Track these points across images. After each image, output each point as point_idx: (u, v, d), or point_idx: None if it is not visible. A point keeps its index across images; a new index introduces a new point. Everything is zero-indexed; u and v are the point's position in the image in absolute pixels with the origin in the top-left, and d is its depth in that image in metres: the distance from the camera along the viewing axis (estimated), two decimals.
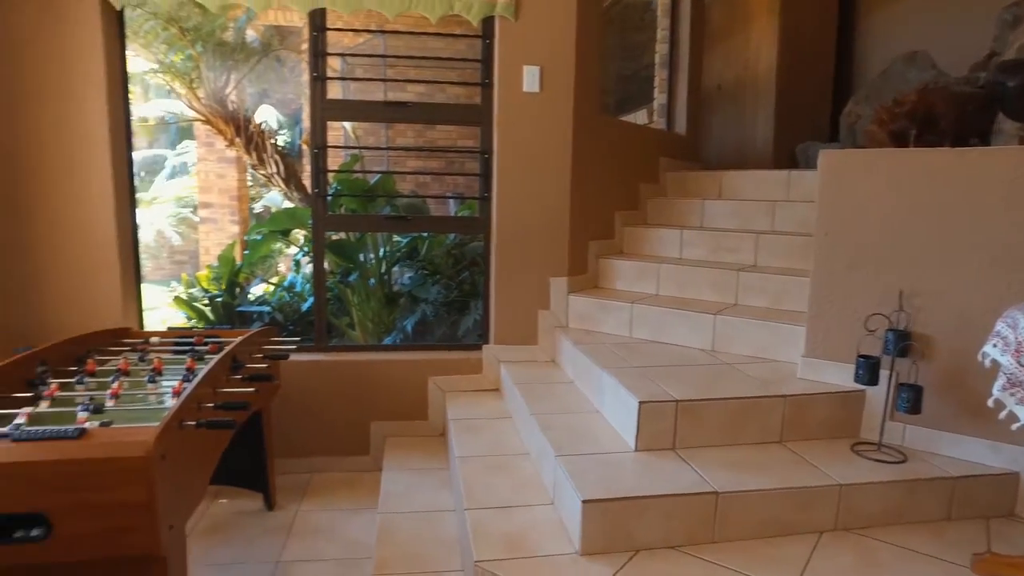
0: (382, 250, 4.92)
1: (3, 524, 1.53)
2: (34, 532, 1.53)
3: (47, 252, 3.01)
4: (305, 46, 8.10)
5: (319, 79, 3.19)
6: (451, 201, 6.75)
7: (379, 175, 5.16)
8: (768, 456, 2.21)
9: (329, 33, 3.21)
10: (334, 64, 6.10)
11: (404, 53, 6.58)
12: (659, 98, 4.70)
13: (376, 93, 6.80)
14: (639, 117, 5.13)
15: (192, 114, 6.89)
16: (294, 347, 2.89)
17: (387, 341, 4.66)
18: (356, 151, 6.52)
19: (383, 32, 6.29)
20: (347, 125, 7.48)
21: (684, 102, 4.54)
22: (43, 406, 1.91)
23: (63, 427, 1.61)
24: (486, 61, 3.24)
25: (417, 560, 2.19)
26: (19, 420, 1.72)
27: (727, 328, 2.82)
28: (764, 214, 3.42)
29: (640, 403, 2.19)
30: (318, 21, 3.14)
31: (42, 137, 2.95)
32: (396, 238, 5.06)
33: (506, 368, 3.17)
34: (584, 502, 1.87)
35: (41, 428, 1.60)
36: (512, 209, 3.27)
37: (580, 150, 3.29)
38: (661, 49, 4.65)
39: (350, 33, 6.37)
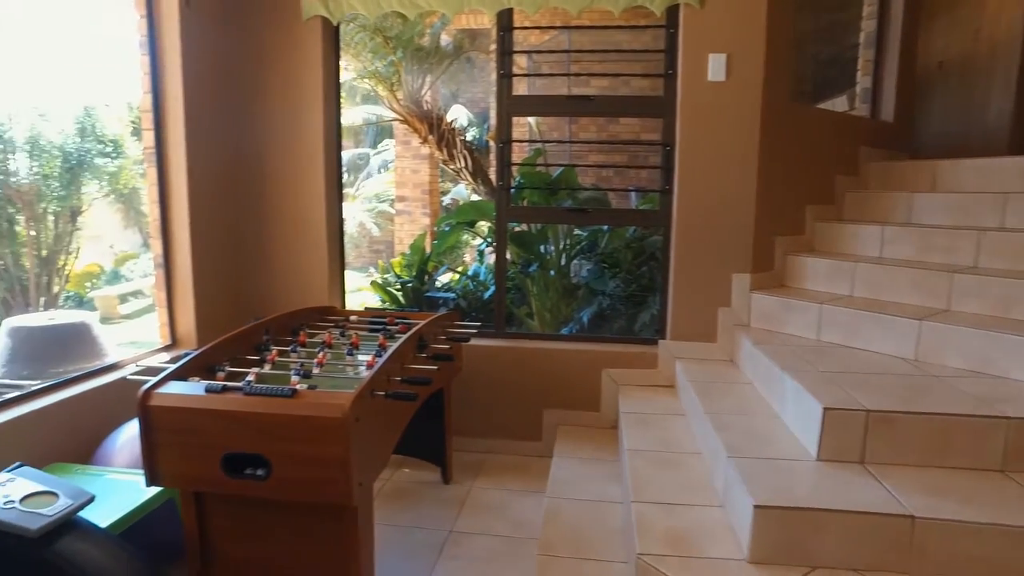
0: (562, 242, 5.02)
1: (237, 462, 1.82)
2: (259, 472, 1.80)
3: (276, 239, 3.49)
4: (493, 46, 8.46)
5: (506, 76, 3.33)
6: (632, 194, 6.69)
7: (561, 169, 5.26)
8: (983, 485, 1.93)
9: (515, 32, 3.35)
10: (520, 62, 6.33)
11: (588, 48, 6.63)
12: (862, 82, 4.26)
13: (560, 88, 6.94)
14: (838, 104, 4.70)
15: (391, 115, 7.53)
16: (475, 331, 3.07)
17: (564, 331, 4.75)
18: (540, 145, 6.71)
19: (568, 28, 6.39)
20: (531, 120, 7.71)
21: (892, 84, 4.07)
22: (266, 368, 2.23)
23: (280, 387, 1.87)
24: (670, 51, 3.18)
25: (581, 545, 2.23)
26: (249, 378, 2.02)
27: (935, 336, 2.50)
28: (991, 208, 2.97)
29: (825, 409, 2.04)
30: (505, 21, 3.28)
31: (276, 140, 3.42)
32: (576, 231, 5.13)
33: (681, 365, 3.10)
34: (756, 507, 1.78)
35: (264, 386, 1.88)
36: (693, 202, 3.18)
37: (768, 141, 3.11)
38: (867, 27, 4.22)
39: (535, 31, 6.56)
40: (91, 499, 1.60)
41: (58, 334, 3.61)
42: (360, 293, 7.15)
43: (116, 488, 2.14)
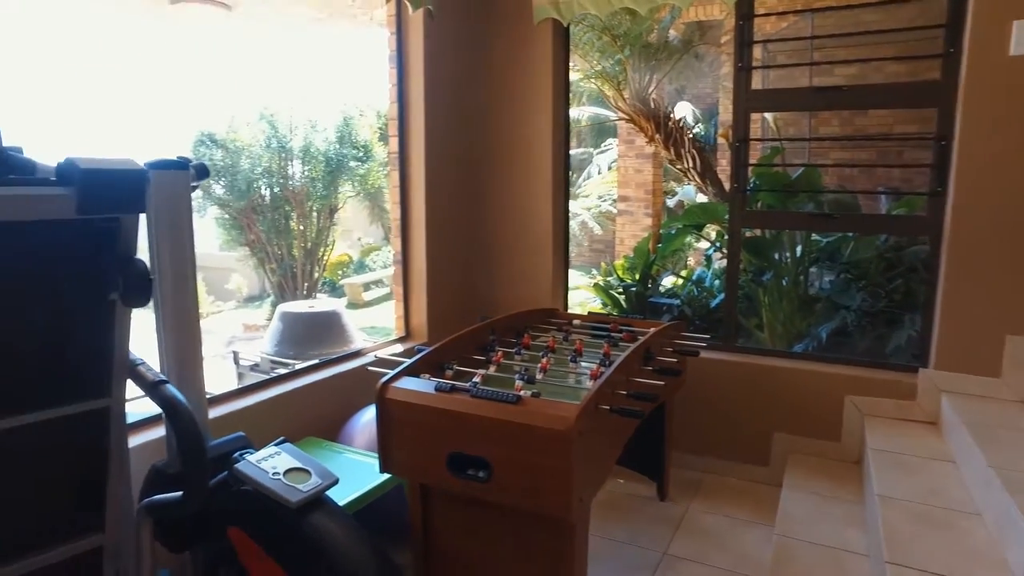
0: (799, 249, 4.55)
1: (461, 461, 1.86)
2: (480, 473, 1.82)
3: (502, 239, 3.59)
4: (725, 39, 7.95)
5: (744, 69, 3.06)
6: (882, 197, 5.88)
7: (801, 168, 4.77)
8: None
9: (755, 20, 3.05)
10: (756, 53, 5.87)
11: (834, 31, 5.94)
12: None
13: (800, 80, 6.31)
14: None
15: (615, 115, 7.45)
16: (704, 345, 2.87)
17: (798, 348, 4.30)
18: (777, 143, 6.17)
19: (811, 11, 5.78)
20: (768, 116, 7.14)
21: None
22: (491, 369, 2.27)
23: (505, 391, 1.87)
24: (953, 24, 2.67)
25: None
26: (476, 379, 2.07)
27: None
28: None
29: None
30: (745, 8, 3.01)
31: (506, 142, 3.52)
32: (815, 237, 4.62)
33: (950, 400, 2.60)
34: None
35: (490, 389, 1.89)
36: (977, 206, 2.64)
37: None
38: None
39: (771, 19, 6.03)
40: (336, 481, 1.73)
41: (316, 320, 4.13)
42: (578, 292, 7.19)
43: (354, 467, 2.34)
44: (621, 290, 5.24)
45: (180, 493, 1.30)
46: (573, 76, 7.36)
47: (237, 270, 11.60)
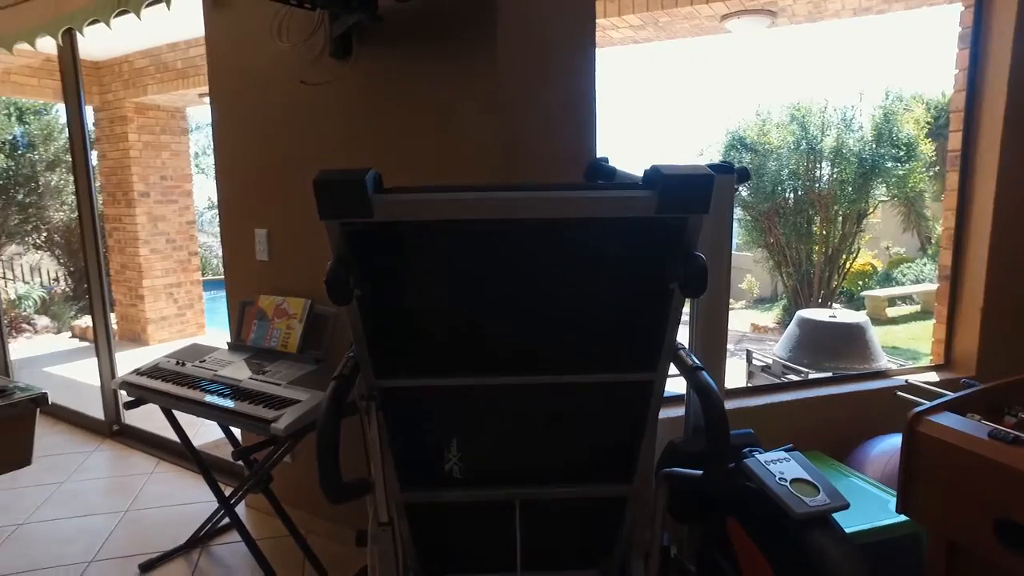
0: None
1: (1016, 531, 1.51)
2: None
3: None
4: None
5: None
6: None
7: None
8: None
9: None
10: None
11: None
12: None
13: None
14: None
15: None
16: None
17: None
18: None
19: None
20: None
21: None
22: None
23: None
24: None
25: None
26: None
27: None
28: None
29: None
30: None
31: None
32: None
33: None
34: None
35: None
36: None
37: None
38: None
39: None
40: (846, 506, 1.62)
41: (838, 331, 3.89)
42: None
43: (863, 497, 2.14)
44: None
45: (700, 472, 1.42)
46: None
47: (751, 271, 11.85)
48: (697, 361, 1.34)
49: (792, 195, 9.89)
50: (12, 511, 3.05)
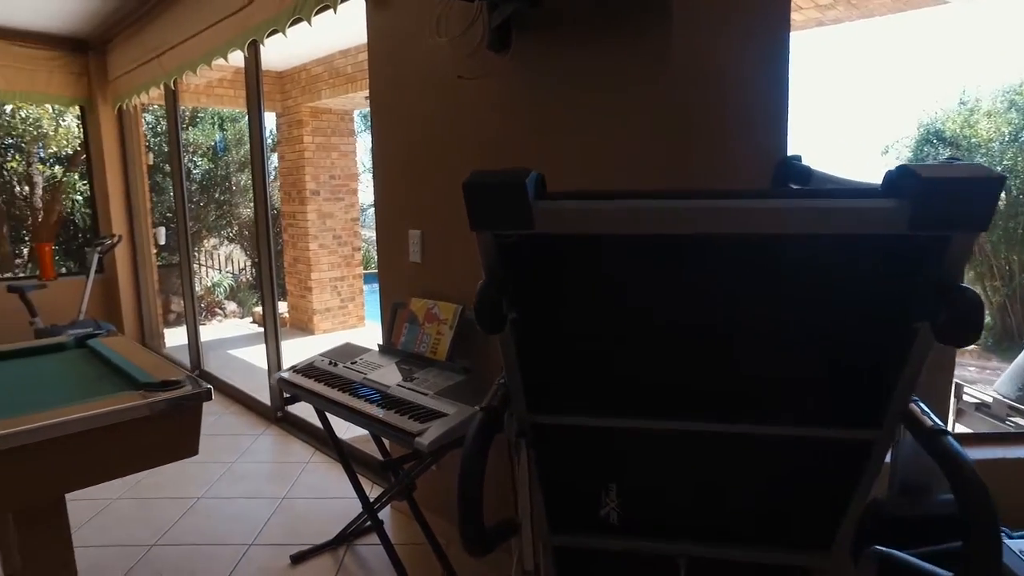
0: None
1: None
2: None
3: None
4: None
5: None
6: None
7: None
8: None
9: None
10: None
11: None
12: None
13: None
14: None
15: None
16: None
17: None
18: None
19: None
20: None
21: None
22: None
23: None
24: None
25: None
26: None
27: None
28: None
29: None
30: None
31: None
32: None
33: None
34: None
35: None
36: None
37: None
38: None
39: None
40: None
41: None
42: None
43: None
44: None
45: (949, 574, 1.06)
46: None
47: None
48: (938, 420, 1.02)
49: (1005, 195, 8.48)
50: (196, 484, 3.29)
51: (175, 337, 6.37)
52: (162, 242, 7.00)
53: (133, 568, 2.57)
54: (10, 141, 9.02)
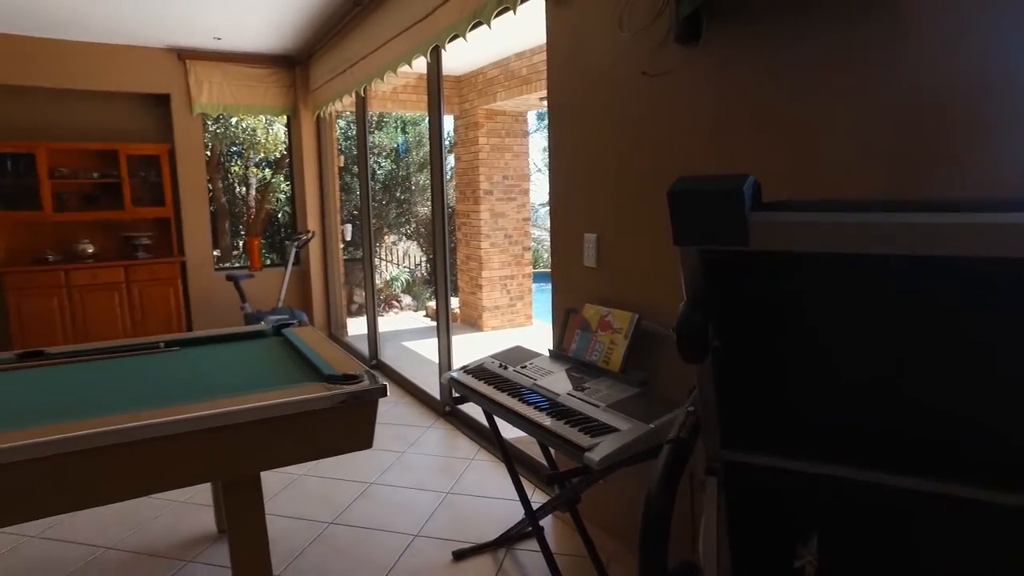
0: None
1: None
2: None
3: None
4: None
5: None
6: None
7: None
8: None
9: None
10: None
11: None
12: None
13: None
14: None
15: None
16: None
17: None
18: None
19: None
20: None
21: None
22: None
23: None
24: None
25: None
26: None
27: None
28: None
29: None
30: None
31: None
32: None
33: None
34: None
35: None
36: None
37: None
38: None
39: None
40: None
41: None
42: None
43: None
44: None
45: None
46: None
47: None
48: None
49: None
50: (368, 469, 3.48)
51: (356, 326, 6.86)
52: (348, 238, 7.57)
53: (313, 543, 2.76)
54: (235, 148, 10.33)
